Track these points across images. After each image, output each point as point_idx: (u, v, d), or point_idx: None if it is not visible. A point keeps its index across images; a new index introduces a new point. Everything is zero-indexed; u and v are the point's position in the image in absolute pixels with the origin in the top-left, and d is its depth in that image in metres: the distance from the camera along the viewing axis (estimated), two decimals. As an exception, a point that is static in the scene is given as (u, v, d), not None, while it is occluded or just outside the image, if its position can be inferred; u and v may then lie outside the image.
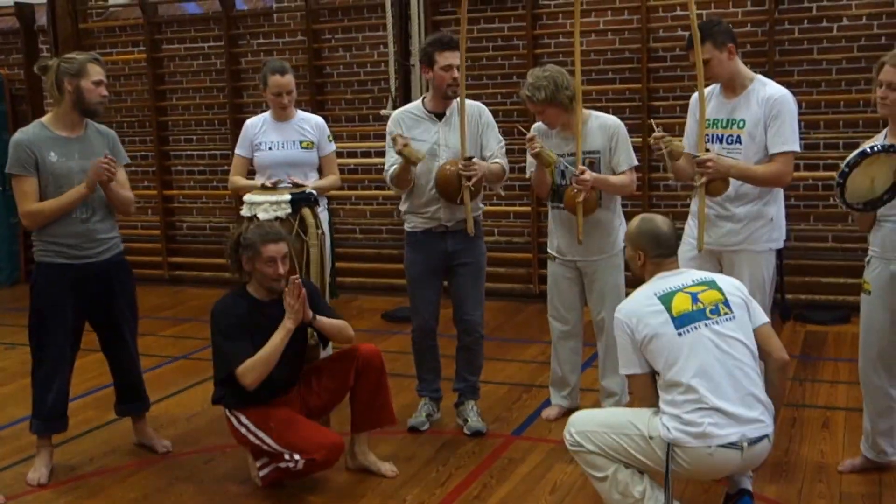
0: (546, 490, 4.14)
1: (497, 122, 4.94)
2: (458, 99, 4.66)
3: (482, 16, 7.79)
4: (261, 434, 4.09)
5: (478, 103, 4.86)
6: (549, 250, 4.98)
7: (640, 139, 7.20)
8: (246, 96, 8.66)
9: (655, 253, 3.71)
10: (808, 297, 7.03)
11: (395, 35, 7.71)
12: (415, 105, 4.88)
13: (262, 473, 4.16)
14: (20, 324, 7.42)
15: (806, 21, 7.01)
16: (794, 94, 6.13)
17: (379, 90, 8.08)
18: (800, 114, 6.62)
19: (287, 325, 4.07)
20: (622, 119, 4.79)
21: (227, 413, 4.21)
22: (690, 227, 4.54)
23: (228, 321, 4.12)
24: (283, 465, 4.04)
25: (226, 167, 8.06)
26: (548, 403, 5.13)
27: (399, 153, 4.52)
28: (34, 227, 4.39)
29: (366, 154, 8.08)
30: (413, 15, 7.57)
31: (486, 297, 4.99)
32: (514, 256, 7.85)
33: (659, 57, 7.36)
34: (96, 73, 4.37)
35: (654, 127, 4.44)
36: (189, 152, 9.06)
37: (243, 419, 4.14)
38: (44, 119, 4.47)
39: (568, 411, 4.76)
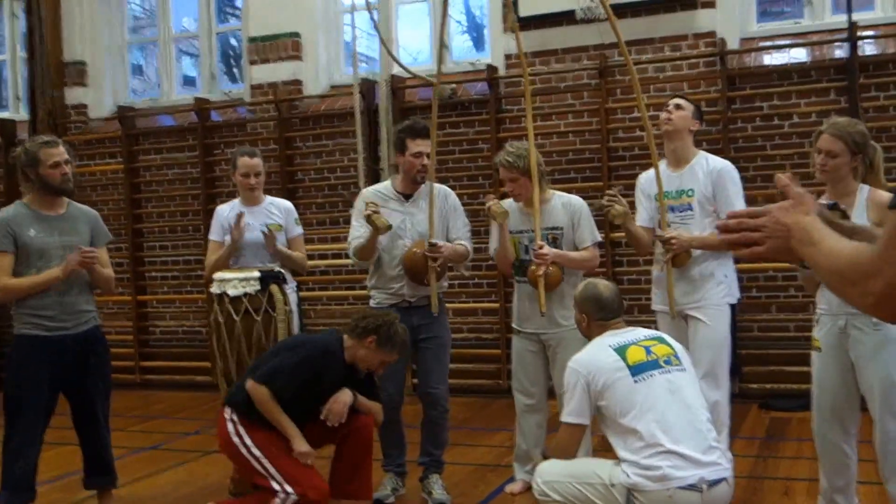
0: (508, 552, 4.18)
1: (462, 221, 5.16)
2: (427, 184, 4.92)
3: (448, 121, 8.11)
4: (257, 453, 4.11)
5: (444, 187, 5.07)
6: (513, 325, 5.12)
7: (603, 235, 7.46)
8: (219, 202, 8.85)
9: (598, 316, 3.91)
10: (773, 386, 7.14)
11: (364, 141, 7.99)
12: (384, 185, 5.10)
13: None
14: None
15: (758, 119, 7.34)
16: (750, 188, 6.42)
17: (349, 194, 8.30)
18: (757, 206, 6.99)
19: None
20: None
21: (229, 418, 4.23)
22: (656, 293, 4.87)
23: (309, 367, 4.20)
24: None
25: (199, 272, 8.24)
26: (513, 480, 5.16)
27: (367, 217, 4.68)
28: (3, 300, 4.57)
29: (336, 255, 8.26)
30: (381, 122, 7.88)
31: (455, 393, 5.11)
32: (483, 353, 7.94)
33: (618, 156, 7.65)
34: (50, 156, 4.54)
35: (611, 188, 4.75)
36: (163, 258, 9.23)
37: (245, 437, 4.17)
38: (24, 199, 4.66)
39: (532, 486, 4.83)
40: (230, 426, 4.21)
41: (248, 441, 4.16)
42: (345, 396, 4.27)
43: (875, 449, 4.00)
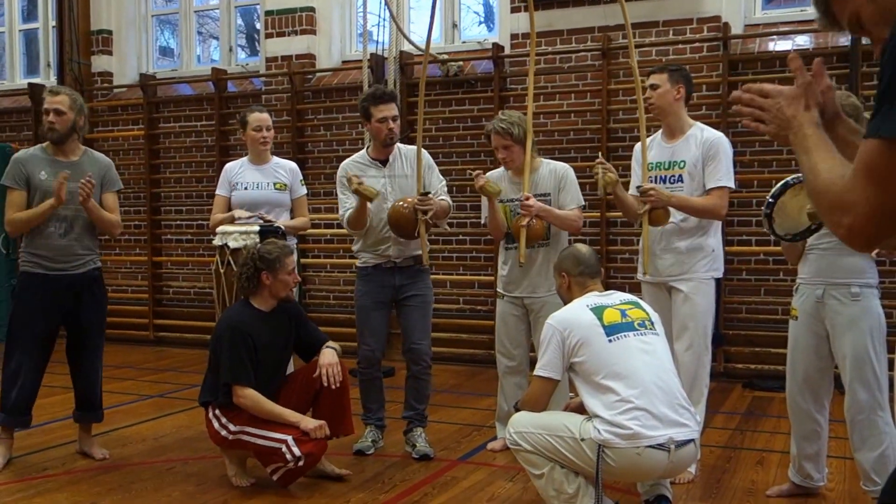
0: (483, 499, 4.37)
1: (465, 196, 5.31)
2: (400, 147, 5.18)
3: (454, 98, 8.32)
4: (250, 430, 4.38)
5: (414, 147, 5.20)
6: (497, 289, 5.32)
7: (598, 214, 7.69)
8: (233, 169, 9.16)
9: (577, 271, 4.06)
10: (757, 367, 7.30)
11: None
12: (360, 154, 5.30)
13: (275, 477, 4.42)
14: None
15: (759, 104, 7.43)
16: (747, 172, 6.43)
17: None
18: (752, 191, 7.13)
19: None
20: (583, 195, 5.27)
21: (212, 416, 4.51)
22: (640, 263, 4.94)
23: (238, 335, 4.44)
24: (286, 466, 4.32)
25: (212, 237, 8.52)
26: (495, 439, 5.37)
27: (355, 191, 4.88)
28: (13, 234, 4.95)
29: (341, 226, 8.46)
30: (389, 96, 8.05)
31: (448, 361, 5.25)
32: (477, 324, 8.14)
33: (618, 137, 7.78)
34: (46, 103, 4.90)
35: (601, 157, 4.89)
36: (178, 222, 9.58)
37: (230, 425, 4.44)
38: (44, 143, 5.00)
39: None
40: (216, 423, 4.49)
41: (235, 427, 4.42)
42: (330, 357, 4.57)
43: (846, 418, 4.09)
